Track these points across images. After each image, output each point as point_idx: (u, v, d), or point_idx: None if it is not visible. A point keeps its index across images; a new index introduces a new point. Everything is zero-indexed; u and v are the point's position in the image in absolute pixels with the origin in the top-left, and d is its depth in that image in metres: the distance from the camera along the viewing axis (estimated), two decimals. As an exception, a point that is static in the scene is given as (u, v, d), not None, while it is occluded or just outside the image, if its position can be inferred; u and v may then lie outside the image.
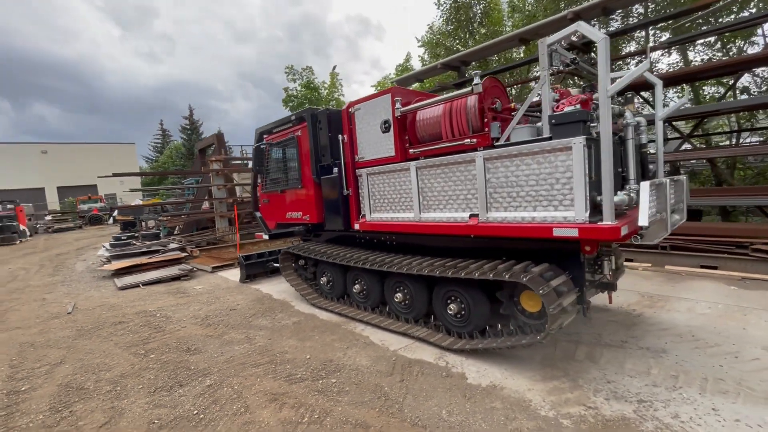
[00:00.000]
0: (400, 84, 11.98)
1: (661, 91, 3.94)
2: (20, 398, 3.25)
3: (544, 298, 2.93)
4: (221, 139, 13.68)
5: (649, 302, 4.66)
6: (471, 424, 2.58)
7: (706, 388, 2.81)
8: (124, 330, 4.79)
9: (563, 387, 2.96)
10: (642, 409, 2.61)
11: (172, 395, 3.15)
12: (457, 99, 3.57)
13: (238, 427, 2.67)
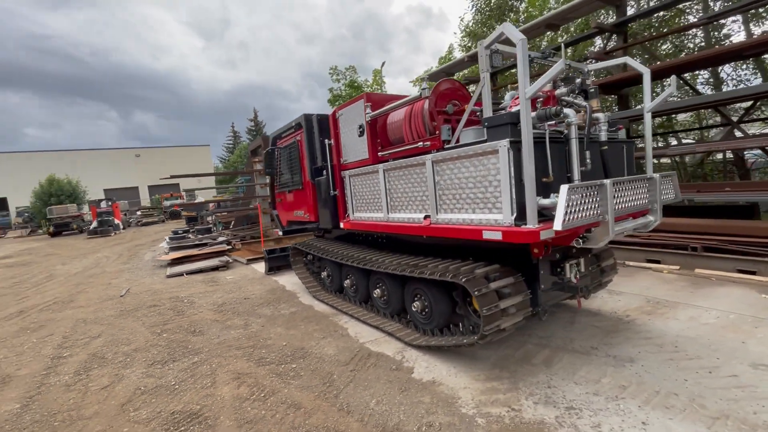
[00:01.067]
0: (431, 78, 11.94)
1: (649, 80, 3.63)
2: (60, 362, 4.08)
3: (479, 299, 2.97)
4: (266, 140, 14.77)
5: (651, 308, 4.31)
6: (392, 413, 2.75)
7: (651, 402, 2.65)
8: (154, 312, 5.63)
9: (500, 388, 2.98)
10: (565, 416, 2.57)
11: (163, 368, 3.74)
12: (414, 103, 3.67)
13: (200, 398, 3.14)
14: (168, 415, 2.94)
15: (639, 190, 3.18)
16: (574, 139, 2.89)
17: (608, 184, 2.72)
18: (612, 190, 2.74)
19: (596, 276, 3.94)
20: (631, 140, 3.82)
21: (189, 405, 3.05)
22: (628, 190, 3.05)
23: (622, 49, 7.73)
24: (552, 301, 3.64)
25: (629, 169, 3.77)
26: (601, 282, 4.04)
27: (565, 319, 4.23)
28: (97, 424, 2.89)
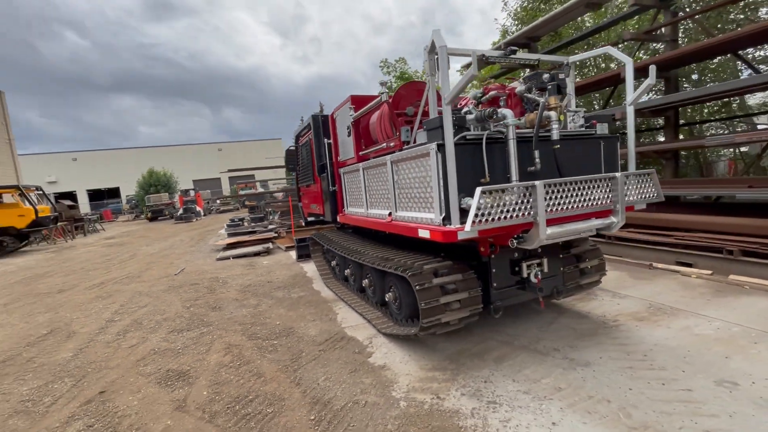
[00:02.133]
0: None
1: (632, 71, 3.39)
2: (110, 325, 5.11)
3: (418, 293, 3.15)
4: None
5: (648, 315, 4.03)
6: (331, 389, 3.09)
7: (575, 405, 2.63)
8: (192, 289, 6.60)
9: (439, 378, 3.14)
10: (482, 409, 2.68)
11: (177, 335, 4.51)
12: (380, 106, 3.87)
13: (192, 361, 3.79)
14: (165, 371, 3.63)
15: (597, 189, 3.06)
16: (512, 140, 2.89)
17: (538, 186, 2.70)
18: (543, 191, 2.72)
19: (573, 277, 3.81)
20: (614, 136, 3.59)
21: (182, 366, 3.72)
22: (579, 189, 2.96)
23: (671, 25, 6.86)
24: (513, 300, 3.63)
25: (610, 166, 3.57)
26: (581, 284, 3.89)
27: (547, 318, 4.15)
28: (115, 373, 3.68)
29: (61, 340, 4.70)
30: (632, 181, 3.33)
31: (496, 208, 2.69)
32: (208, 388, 3.25)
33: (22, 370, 3.92)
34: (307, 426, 2.65)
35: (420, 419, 2.62)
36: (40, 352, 4.35)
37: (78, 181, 43.58)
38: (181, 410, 2.97)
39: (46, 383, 3.60)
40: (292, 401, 2.97)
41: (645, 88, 3.26)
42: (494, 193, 2.70)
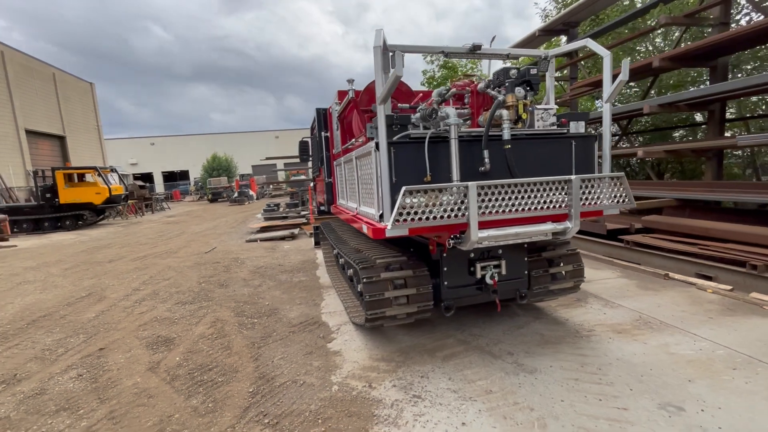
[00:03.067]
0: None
1: (610, 64, 3.15)
2: (133, 293, 5.85)
3: (364, 285, 3.27)
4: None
5: (629, 328, 3.77)
6: (280, 368, 3.34)
7: (495, 409, 2.61)
8: (212, 267, 7.26)
9: (381, 368, 3.26)
10: (403, 402, 2.76)
11: (180, 307, 5.06)
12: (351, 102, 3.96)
13: (181, 330, 4.26)
14: (156, 337, 4.14)
15: (550, 192, 2.92)
16: (454, 140, 2.86)
17: (471, 187, 2.66)
18: (476, 192, 2.67)
19: (542, 281, 3.67)
20: (589, 135, 3.36)
21: (171, 333, 4.21)
22: (526, 192, 2.85)
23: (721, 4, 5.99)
24: (472, 299, 3.59)
25: (584, 167, 3.36)
26: (551, 289, 3.73)
27: (519, 322, 4.04)
28: (119, 334, 4.27)
29: (92, 302, 5.50)
30: (604, 185, 3.12)
31: (431, 208, 2.71)
32: (182, 355, 3.68)
33: (54, 324, 4.69)
34: (243, 397, 2.92)
35: (342, 404, 2.78)
36: (72, 311, 5.14)
37: (155, 164, 48.52)
38: (152, 371, 3.41)
39: (65, 337, 4.28)
40: (243, 374, 3.27)
41: (617, 85, 3.01)
42: (429, 193, 2.72)
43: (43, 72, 24.18)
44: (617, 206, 3.15)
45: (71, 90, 26.76)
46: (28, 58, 23.08)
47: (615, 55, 11.76)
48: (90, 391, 3.12)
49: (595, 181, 3.01)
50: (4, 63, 20.75)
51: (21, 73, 22.02)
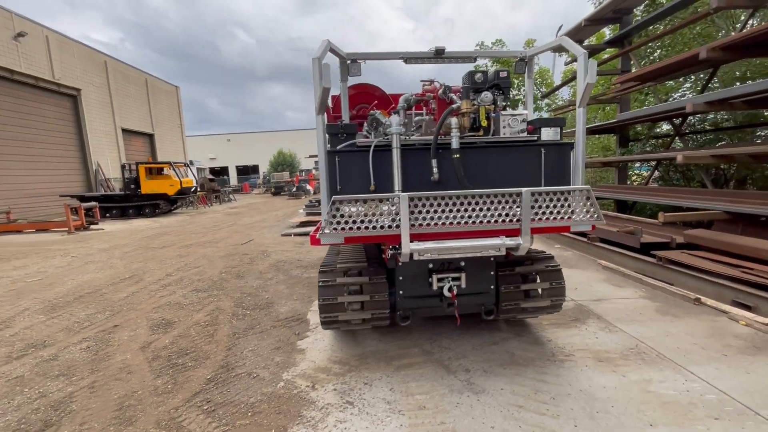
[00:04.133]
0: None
1: (585, 63, 2.86)
2: (164, 278, 6.58)
3: (319, 289, 3.36)
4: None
5: (617, 356, 3.40)
6: (245, 359, 3.57)
7: (418, 426, 2.55)
8: (239, 259, 7.87)
9: (333, 370, 3.33)
10: (333, 407, 2.80)
11: (192, 294, 5.60)
12: (335, 107, 4.02)
13: (182, 316, 4.74)
14: (161, 319, 4.65)
15: (499, 205, 2.74)
16: (395, 149, 2.81)
17: (402, 197, 2.61)
18: (407, 203, 2.61)
19: (513, 298, 3.44)
20: (564, 143, 3.07)
21: (174, 318, 4.69)
22: (469, 204, 2.71)
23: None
24: (429, 311, 3.48)
25: (556, 177, 3.08)
26: (523, 307, 3.48)
27: (495, 338, 3.82)
28: (134, 314, 4.87)
29: (130, 284, 6.31)
30: (571, 199, 2.84)
31: (371, 217, 2.72)
32: (172, 338, 4.10)
33: (93, 300, 5.50)
34: (199, 382, 3.20)
35: (278, 401, 2.91)
36: (111, 290, 5.96)
37: (230, 159, 53.19)
38: (142, 350, 3.86)
39: (95, 312, 5.00)
40: (211, 362, 3.56)
41: (585, 89, 2.71)
42: (370, 202, 2.73)
43: (138, 78, 27.78)
44: (586, 222, 2.84)
45: (160, 93, 30.37)
46: (127, 67, 26.66)
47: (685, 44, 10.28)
48: (88, 362, 3.64)
49: (554, 194, 2.76)
50: (107, 72, 24.22)
51: (120, 79, 25.53)
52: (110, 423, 2.72)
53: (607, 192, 8.78)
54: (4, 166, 17.34)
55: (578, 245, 7.69)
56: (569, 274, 5.86)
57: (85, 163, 22.20)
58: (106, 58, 24.35)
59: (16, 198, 17.43)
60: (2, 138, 17.36)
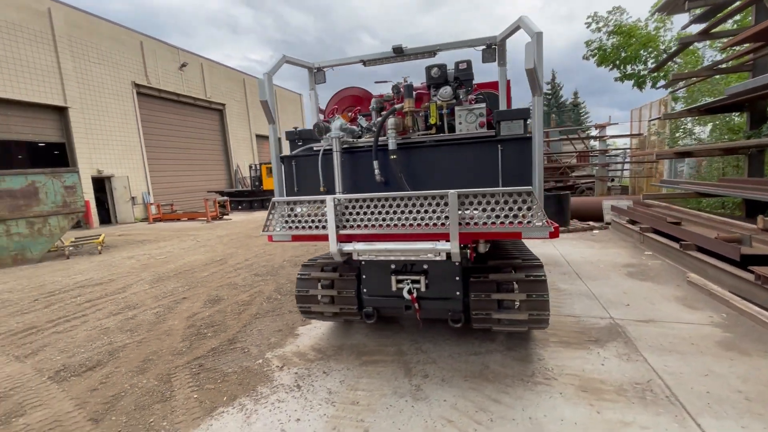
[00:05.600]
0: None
1: (534, 44, 2.50)
2: (241, 264, 7.82)
3: (297, 280, 3.68)
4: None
5: (612, 390, 2.86)
6: (250, 336, 4.14)
7: (335, 419, 2.66)
8: (306, 248, 8.77)
9: (308, 356, 3.62)
10: (283, 387, 3.09)
11: (251, 277, 6.55)
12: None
13: (232, 294, 5.64)
14: (216, 295, 5.63)
15: (429, 208, 2.61)
16: (336, 153, 2.91)
17: (328, 199, 2.71)
18: (332, 204, 2.70)
19: (484, 307, 3.17)
20: (525, 137, 2.69)
21: (224, 295, 5.62)
22: (399, 206, 2.66)
23: None
24: (394, 311, 3.44)
25: (516, 176, 2.76)
26: (495, 318, 3.16)
27: (483, 348, 3.57)
28: (203, 289, 6.00)
29: (216, 265, 7.72)
30: (518, 201, 2.52)
31: (314, 217, 2.92)
32: (212, 312, 4.97)
33: (184, 277, 6.94)
34: (204, 350, 3.87)
35: (247, 374, 3.35)
36: (200, 270, 7.40)
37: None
38: (187, 319, 4.79)
39: (179, 286, 6.34)
40: (224, 335, 4.24)
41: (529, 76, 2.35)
42: (311, 204, 2.93)
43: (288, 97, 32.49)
44: (537, 229, 2.48)
45: (286, 101, 34.89)
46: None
47: None
48: (150, 324, 4.72)
49: (491, 196, 2.48)
50: (245, 87, 29.01)
51: (254, 93, 30.26)
52: (132, 370, 3.55)
53: (726, 188, 6.83)
54: (171, 168, 22.52)
55: (672, 253, 6.28)
56: (634, 288, 4.95)
57: (228, 165, 27.15)
58: (244, 76, 29.16)
59: (178, 193, 22.50)
60: (171, 146, 22.56)
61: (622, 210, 9.09)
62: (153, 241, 11.78)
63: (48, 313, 5.36)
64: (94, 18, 18.61)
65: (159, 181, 21.76)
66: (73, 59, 17.35)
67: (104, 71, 18.78)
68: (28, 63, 15.79)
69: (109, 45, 19.14)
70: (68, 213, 10.29)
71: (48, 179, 9.92)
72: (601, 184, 12.31)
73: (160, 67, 21.90)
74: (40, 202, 9.77)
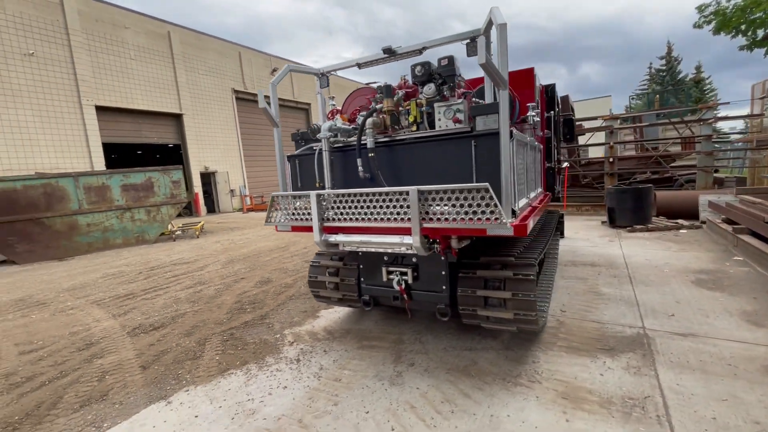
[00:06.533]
0: None
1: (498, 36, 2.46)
2: (299, 251, 8.62)
3: (309, 267, 4.08)
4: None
5: (596, 400, 2.69)
6: (280, 314, 4.69)
7: (315, 391, 2.97)
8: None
9: (318, 335, 4.01)
10: (286, 360, 3.51)
11: (302, 263, 7.22)
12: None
13: (280, 277, 6.34)
14: (267, 277, 6.39)
15: (392, 203, 2.73)
16: (325, 152, 3.18)
17: (312, 195, 3.00)
18: (315, 199, 2.98)
19: (470, 303, 3.17)
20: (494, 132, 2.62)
21: (275, 278, 6.35)
22: (368, 202, 2.83)
23: None
24: (387, 301, 3.60)
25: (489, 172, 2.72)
26: (480, 314, 3.13)
27: (480, 345, 3.55)
28: (260, 272, 6.85)
29: (278, 251, 8.64)
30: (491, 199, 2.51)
31: (308, 210, 3.27)
32: (257, 291, 5.69)
33: (250, 260, 7.95)
34: (240, 322, 4.51)
35: (263, 346, 3.86)
36: (264, 254, 8.38)
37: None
38: (237, 296, 5.58)
39: (243, 268, 7.30)
40: (259, 312, 4.86)
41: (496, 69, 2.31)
42: (303, 198, 3.28)
43: (347, 86, 34.01)
44: (499, 226, 2.44)
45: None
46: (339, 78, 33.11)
47: None
48: (209, 298, 5.61)
49: (451, 192, 2.51)
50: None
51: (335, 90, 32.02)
52: (182, 333, 4.34)
53: None
54: (263, 164, 25.20)
55: (766, 260, 5.23)
56: (693, 297, 4.37)
57: (312, 160, 29.35)
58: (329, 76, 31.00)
59: (267, 187, 25.12)
60: (263, 144, 25.23)
61: (719, 207, 7.70)
62: (240, 228, 13.52)
63: (144, 284, 6.70)
64: (202, 35, 21.67)
65: (253, 176, 24.59)
66: (186, 73, 20.49)
67: (210, 81, 21.79)
68: (154, 79, 19.15)
69: (214, 58, 22.11)
70: (175, 203, 12.40)
71: (160, 175, 12.08)
72: (705, 176, 10.44)
73: (254, 74, 24.58)
74: (154, 194, 11.97)
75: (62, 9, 15.79)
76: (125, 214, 11.46)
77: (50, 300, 6.17)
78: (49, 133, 15.31)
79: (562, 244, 7.51)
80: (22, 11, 14.76)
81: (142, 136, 19.26)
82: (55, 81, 15.53)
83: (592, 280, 5.18)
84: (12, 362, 3.92)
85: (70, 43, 15.96)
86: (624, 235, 8.07)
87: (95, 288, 6.70)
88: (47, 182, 10.29)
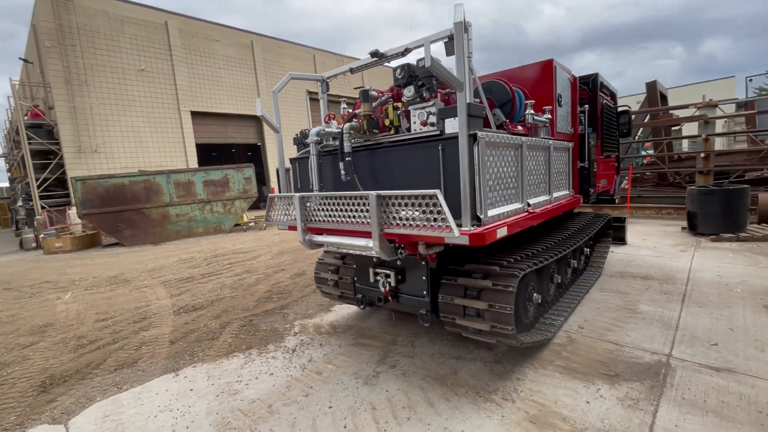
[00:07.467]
0: None
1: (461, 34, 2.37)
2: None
3: (316, 264, 4.30)
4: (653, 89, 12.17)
5: (570, 430, 2.46)
6: (299, 306, 5.02)
7: (296, 381, 3.18)
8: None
9: (322, 329, 4.23)
10: (284, 349, 3.79)
11: (338, 258, 7.56)
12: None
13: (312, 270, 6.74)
14: (303, 270, 6.83)
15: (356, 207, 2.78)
16: (312, 156, 3.33)
17: (296, 197, 3.17)
18: (299, 202, 3.15)
19: (450, 310, 3.09)
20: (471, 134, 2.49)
21: (308, 271, 6.76)
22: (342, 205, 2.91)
23: None
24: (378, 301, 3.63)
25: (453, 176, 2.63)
26: (459, 323, 3.02)
27: (471, 355, 3.43)
28: (301, 264, 7.33)
29: (323, 245, 9.11)
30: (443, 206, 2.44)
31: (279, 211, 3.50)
32: (289, 283, 6.12)
33: (294, 254, 8.53)
34: (263, 309, 4.94)
35: (272, 332, 4.20)
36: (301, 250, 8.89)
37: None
38: (272, 285, 6.07)
39: (287, 260, 7.88)
40: (283, 302, 5.25)
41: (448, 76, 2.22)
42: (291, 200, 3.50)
43: None
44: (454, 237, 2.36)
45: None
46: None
47: None
48: (249, 285, 6.20)
49: (409, 198, 2.47)
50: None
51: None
52: (213, 315, 4.91)
53: None
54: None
55: None
56: (755, 325, 3.72)
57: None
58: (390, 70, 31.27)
59: (337, 182, 26.28)
60: (334, 142, 26.44)
61: (842, 214, 6.14)
62: (301, 222, 14.50)
63: (205, 269, 7.64)
64: (280, 42, 23.44)
65: (324, 172, 25.97)
66: (266, 77, 22.39)
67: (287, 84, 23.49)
68: (240, 85, 21.30)
69: (290, 62, 23.78)
70: (246, 198, 13.76)
71: (234, 172, 13.49)
72: (837, 175, 8.33)
73: (327, 75, 25.83)
74: (230, 189, 13.42)
75: (166, 29, 18.41)
76: (206, 206, 13.07)
77: (134, 278, 7.38)
78: (154, 137, 18.04)
79: (620, 252, 6.70)
80: (137, 34, 17.56)
81: (228, 137, 21.61)
82: (160, 91, 18.22)
83: (634, 296, 4.57)
84: (87, 327, 4.83)
85: (172, 57, 18.55)
86: (704, 245, 6.89)
87: (168, 270, 7.83)
88: (147, 178, 12.20)
